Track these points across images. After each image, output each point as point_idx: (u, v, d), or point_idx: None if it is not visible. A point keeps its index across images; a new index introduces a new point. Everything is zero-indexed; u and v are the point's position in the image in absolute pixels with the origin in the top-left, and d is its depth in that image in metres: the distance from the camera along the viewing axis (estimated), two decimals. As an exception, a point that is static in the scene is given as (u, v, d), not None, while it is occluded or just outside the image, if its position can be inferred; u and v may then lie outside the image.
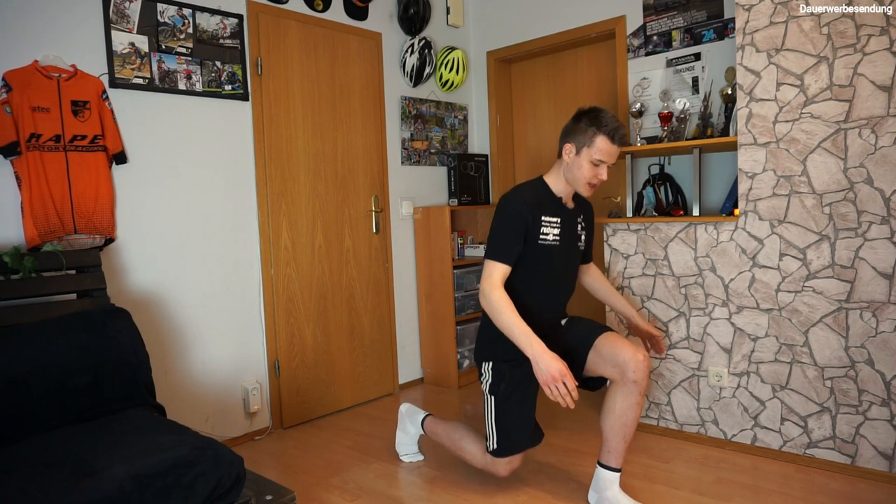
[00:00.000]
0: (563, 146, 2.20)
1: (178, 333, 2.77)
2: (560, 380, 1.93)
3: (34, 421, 1.81)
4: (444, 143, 4.04)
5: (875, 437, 2.35)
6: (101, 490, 1.39)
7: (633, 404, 2.09)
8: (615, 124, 2.11)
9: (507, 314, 2.04)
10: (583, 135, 2.13)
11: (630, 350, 2.08)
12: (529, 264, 2.20)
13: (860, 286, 2.35)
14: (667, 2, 3.23)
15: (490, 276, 2.11)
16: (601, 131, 2.10)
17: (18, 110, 2.25)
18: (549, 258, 2.23)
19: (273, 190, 3.10)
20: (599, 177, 2.16)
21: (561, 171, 2.23)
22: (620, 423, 2.11)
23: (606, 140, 2.10)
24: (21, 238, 2.30)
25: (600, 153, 2.11)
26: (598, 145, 2.11)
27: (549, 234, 2.20)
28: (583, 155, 2.14)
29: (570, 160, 2.18)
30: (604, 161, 2.13)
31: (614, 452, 2.15)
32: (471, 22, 4.20)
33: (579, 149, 2.14)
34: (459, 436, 2.42)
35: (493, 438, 2.25)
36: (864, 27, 2.28)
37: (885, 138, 2.27)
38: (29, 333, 1.92)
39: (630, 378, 2.07)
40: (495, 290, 2.08)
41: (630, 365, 2.06)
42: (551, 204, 2.24)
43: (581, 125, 2.15)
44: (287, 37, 3.17)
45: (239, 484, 1.62)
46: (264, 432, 3.09)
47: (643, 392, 2.10)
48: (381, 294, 3.66)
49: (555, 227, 2.22)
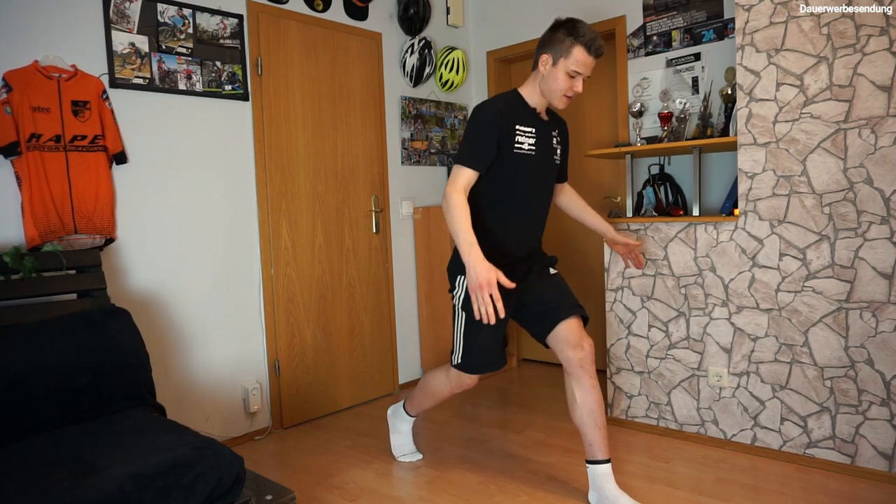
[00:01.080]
0: (540, 57, 2.17)
1: (178, 333, 2.77)
2: (486, 288, 1.89)
3: (34, 421, 1.81)
4: (444, 143, 4.04)
5: (875, 437, 2.35)
6: (101, 490, 1.39)
7: (589, 388, 2.16)
8: (592, 35, 2.09)
9: (458, 218, 1.99)
10: (560, 45, 2.11)
11: (576, 337, 2.16)
12: (506, 173, 2.16)
13: (860, 286, 2.35)
14: (667, 2, 3.23)
15: (454, 180, 2.08)
16: (578, 41, 2.08)
17: (18, 110, 2.25)
18: (525, 167, 2.19)
19: (273, 190, 3.10)
20: (575, 89, 2.15)
21: (536, 82, 2.21)
22: (586, 409, 2.17)
23: (583, 50, 2.09)
24: (21, 238, 2.30)
25: (577, 64, 2.10)
26: (574, 56, 2.09)
27: (525, 143, 2.17)
28: (559, 66, 2.12)
29: (545, 71, 2.16)
30: (580, 73, 2.12)
31: (595, 443, 2.17)
32: (471, 22, 4.20)
33: (556, 59, 2.12)
34: (423, 379, 2.53)
35: (458, 353, 2.27)
36: (864, 27, 2.28)
37: (884, 138, 2.27)
38: (29, 333, 1.92)
39: (576, 364, 2.15)
40: (455, 192, 2.04)
41: (574, 351, 2.15)
42: (526, 114, 2.21)
43: (558, 35, 2.12)
44: (287, 37, 3.17)
45: (239, 484, 1.62)
46: (264, 432, 3.09)
47: (592, 375, 2.17)
48: (381, 294, 3.66)
49: (530, 136, 2.19)
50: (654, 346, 2.88)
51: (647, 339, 2.90)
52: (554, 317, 2.22)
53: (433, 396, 2.52)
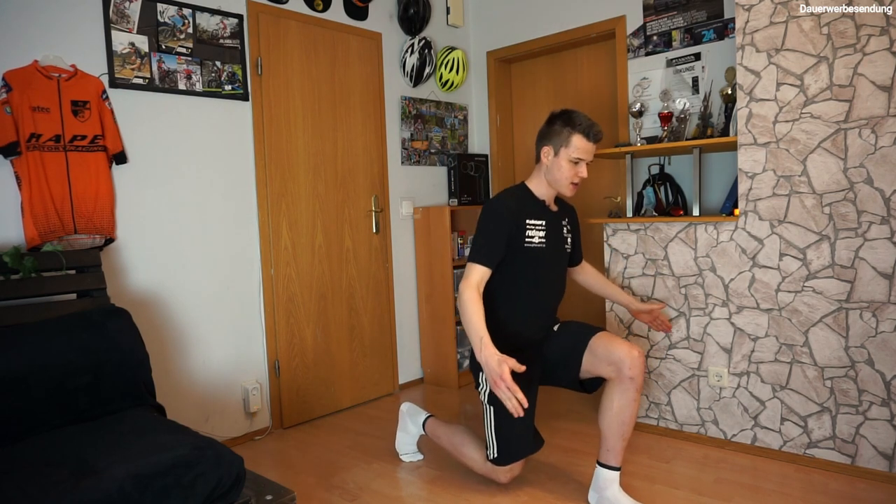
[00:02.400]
0: (542, 150, 2.27)
1: (178, 333, 2.77)
2: (501, 383, 1.91)
3: (34, 421, 1.81)
4: (444, 143, 4.04)
5: (875, 437, 2.35)
6: (101, 490, 1.39)
7: (630, 401, 2.12)
8: (589, 122, 2.19)
9: (470, 314, 2.05)
10: (559, 136, 2.21)
11: (625, 347, 2.11)
12: (518, 268, 2.24)
13: (860, 286, 2.35)
14: (667, 2, 3.23)
15: (468, 277, 2.15)
16: (576, 130, 2.18)
17: (18, 110, 2.25)
18: (536, 261, 2.26)
19: (273, 190, 3.10)
20: (580, 175, 2.22)
21: (542, 174, 2.29)
22: (618, 420, 2.13)
23: (582, 138, 2.18)
24: (21, 238, 2.30)
25: (578, 151, 2.19)
26: (574, 144, 2.19)
27: (535, 236, 2.25)
28: (561, 155, 2.21)
29: (549, 162, 2.25)
30: (582, 159, 2.20)
31: (613, 451, 2.16)
32: (471, 22, 4.20)
33: (557, 150, 2.22)
34: (461, 441, 2.44)
35: (493, 447, 2.27)
36: (864, 27, 2.28)
37: (885, 138, 2.27)
38: (29, 333, 1.92)
39: (626, 375, 2.09)
40: (468, 289, 2.11)
41: (626, 362, 2.09)
42: (535, 207, 2.28)
43: (556, 127, 2.22)
44: (287, 37, 3.17)
45: (239, 484, 1.62)
46: (264, 432, 3.09)
47: (640, 389, 2.12)
48: (381, 294, 3.66)
49: (540, 229, 2.26)
50: (654, 346, 2.88)
51: (647, 339, 2.90)
52: (578, 350, 2.22)
53: (457, 458, 2.47)
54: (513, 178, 4.23)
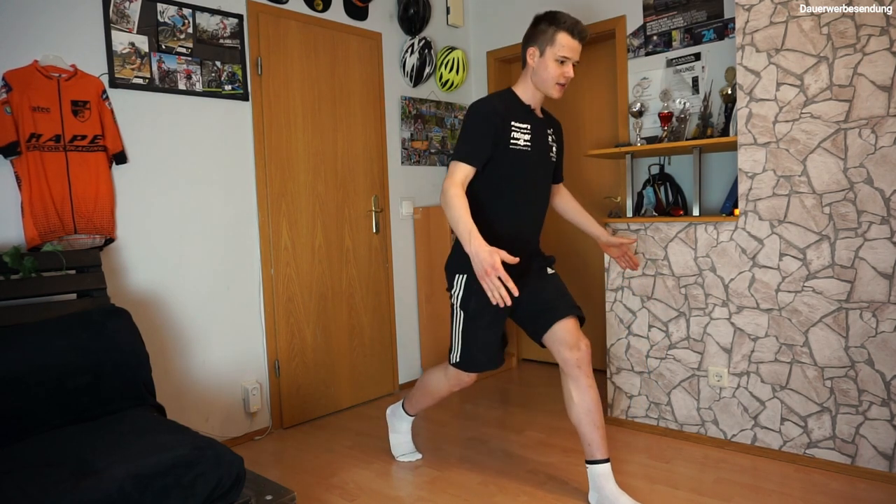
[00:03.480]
0: (527, 51, 2.23)
1: (178, 333, 2.77)
2: (493, 272, 1.85)
3: (34, 421, 1.81)
4: (444, 143, 4.04)
5: (875, 437, 2.35)
6: (101, 490, 1.39)
7: (585, 388, 2.18)
8: (573, 20, 2.16)
9: (457, 208, 1.99)
10: (543, 35, 2.18)
11: (573, 338, 2.18)
12: (503, 170, 2.19)
13: (860, 286, 2.35)
14: (667, 2, 3.23)
15: (451, 175, 2.10)
16: (561, 28, 2.15)
17: (18, 110, 2.25)
18: (521, 164, 2.22)
19: (273, 190, 3.10)
20: (566, 75, 2.19)
21: (528, 78, 2.25)
22: (583, 409, 2.18)
23: (567, 35, 2.15)
24: (21, 238, 2.30)
25: (563, 49, 2.15)
26: (560, 42, 2.15)
27: (520, 139, 2.21)
28: (547, 55, 2.17)
29: (535, 63, 2.21)
30: (568, 58, 2.17)
31: (593, 443, 2.18)
32: (471, 22, 4.20)
33: (542, 50, 2.18)
34: (421, 379, 2.55)
35: (457, 351, 2.30)
36: (864, 27, 2.28)
37: (885, 138, 2.27)
38: (29, 333, 1.92)
39: (573, 364, 2.17)
40: (453, 187, 2.06)
41: (572, 352, 2.17)
42: (521, 110, 2.24)
43: (540, 27, 2.19)
44: (287, 37, 3.17)
45: (239, 484, 1.62)
46: (264, 432, 3.09)
47: (589, 375, 2.18)
48: (381, 294, 3.66)
49: (525, 132, 2.23)
50: (654, 346, 2.88)
51: (647, 339, 2.90)
52: (550, 316, 2.23)
53: (432, 395, 2.52)
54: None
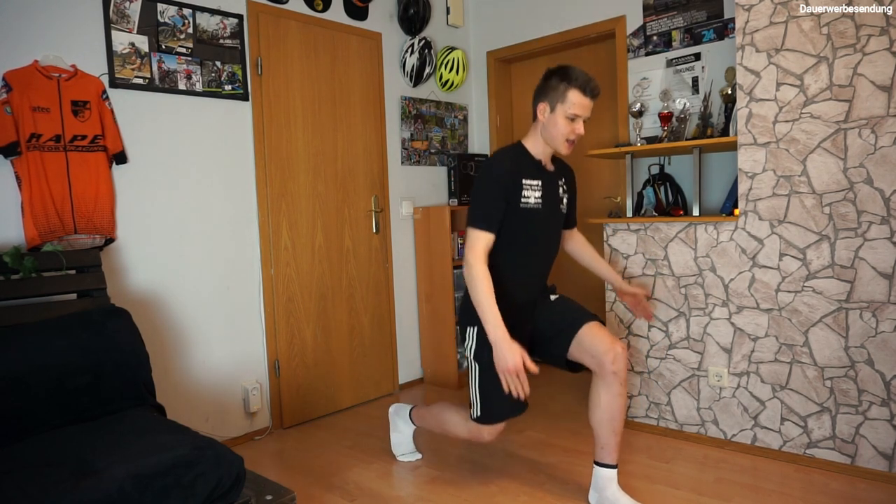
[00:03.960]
0: (538, 106, 2.20)
1: (178, 333, 2.77)
2: (514, 372, 1.96)
3: (34, 421, 1.81)
4: (444, 143, 4.04)
5: (875, 437, 2.35)
6: (101, 490, 1.39)
7: (616, 395, 2.12)
8: (586, 77, 2.13)
9: (483, 293, 2.04)
10: (555, 91, 2.14)
11: (609, 341, 2.11)
12: (512, 228, 2.19)
13: (860, 286, 2.35)
14: (667, 2, 3.23)
15: (473, 247, 2.11)
16: (573, 85, 2.11)
17: (18, 110, 2.25)
18: (531, 221, 2.21)
19: (273, 190, 3.10)
20: (577, 132, 2.16)
21: (538, 132, 2.22)
22: (607, 415, 2.14)
23: (578, 93, 2.11)
24: (21, 238, 2.30)
25: (574, 107, 2.12)
26: (571, 99, 2.12)
27: (531, 196, 2.19)
28: (557, 112, 2.14)
29: (545, 119, 2.18)
30: (579, 115, 2.14)
31: (607, 448, 2.16)
32: (471, 22, 4.20)
33: (553, 106, 2.15)
34: (441, 410, 2.46)
35: (476, 406, 2.25)
36: (864, 27, 2.28)
37: (884, 138, 2.27)
38: (29, 333, 1.92)
39: (609, 369, 2.10)
40: (479, 263, 2.08)
41: (609, 356, 2.09)
42: (531, 167, 2.22)
43: (552, 82, 2.16)
44: (287, 37, 3.17)
45: (239, 484, 1.62)
46: (264, 432, 3.09)
47: (623, 382, 2.12)
48: (381, 294, 3.66)
49: (536, 189, 2.21)
50: (654, 346, 2.88)
51: (647, 339, 2.90)
52: (569, 330, 2.20)
53: (445, 430, 2.46)
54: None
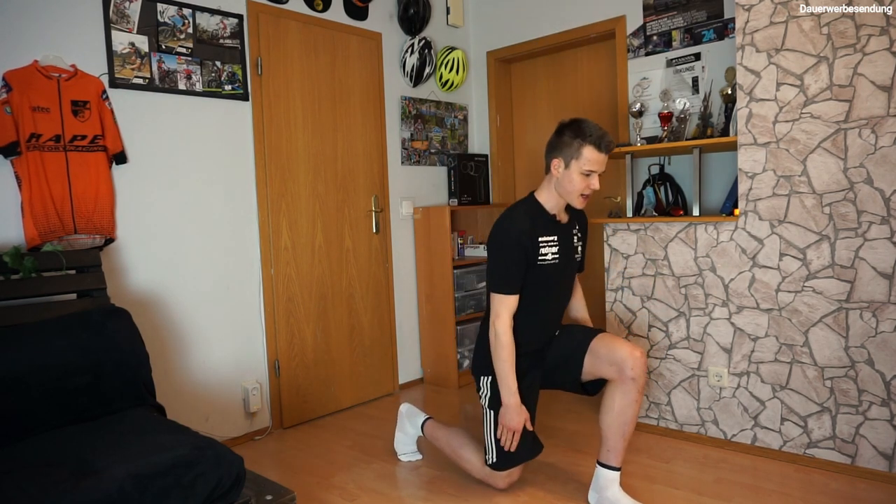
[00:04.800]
0: (551, 162, 2.20)
1: (178, 333, 2.77)
2: (513, 432, 2.18)
3: (34, 421, 1.81)
4: (444, 143, 4.04)
5: (875, 437, 2.35)
6: (101, 490, 1.39)
7: (632, 402, 2.11)
8: (600, 132, 2.11)
9: (505, 361, 2.16)
10: (569, 148, 2.13)
11: (627, 347, 2.10)
12: (532, 283, 2.22)
13: (860, 286, 2.35)
14: (667, 2, 3.23)
15: (500, 314, 2.17)
16: (587, 142, 2.10)
17: (18, 110, 2.25)
18: (548, 277, 2.24)
19: (273, 190, 3.10)
20: (592, 187, 2.15)
21: (552, 186, 2.23)
22: (620, 421, 2.13)
23: (593, 150, 2.11)
24: (21, 238, 2.30)
25: (589, 163, 2.12)
26: (585, 156, 2.11)
27: (548, 254, 2.22)
28: (572, 168, 2.14)
29: (559, 175, 2.18)
30: (594, 171, 2.13)
31: (614, 451, 2.16)
32: (471, 22, 4.20)
33: (568, 162, 2.15)
34: (459, 444, 2.44)
35: (492, 452, 2.27)
36: (864, 27, 2.28)
37: (885, 138, 2.27)
38: (29, 333, 1.92)
39: (628, 375, 2.09)
40: (504, 330, 2.17)
41: (628, 362, 2.08)
42: (546, 223, 2.23)
43: (566, 138, 2.15)
44: (287, 37, 3.16)
45: (239, 484, 1.62)
46: (264, 432, 3.09)
47: (641, 389, 2.11)
48: (381, 294, 3.66)
49: (552, 245, 2.23)
50: (654, 346, 2.88)
51: (647, 339, 2.90)
52: (579, 350, 2.22)
53: (455, 462, 2.47)
54: (513, 177, 4.23)
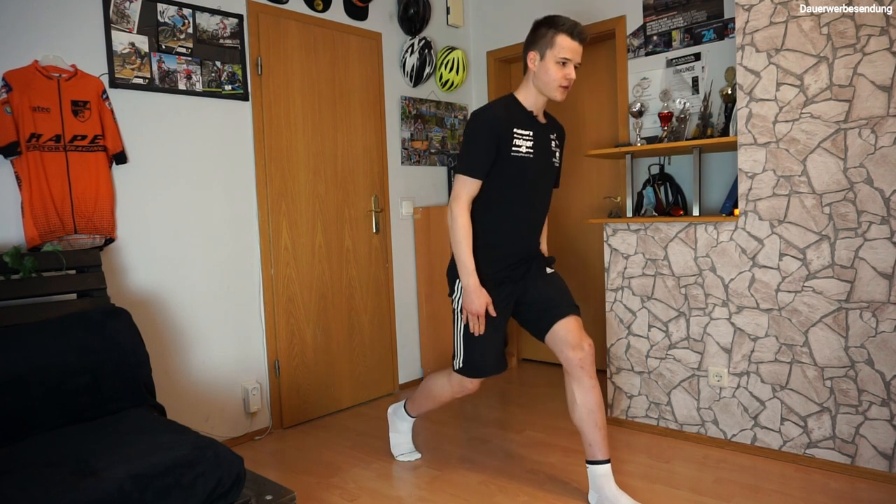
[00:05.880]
0: (528, 56, 2.23)
1: (178, 333, 2.77)
2: (476, 314, 2.17)
3: (34, 421, 1.81)
4: (444, 143, 4.04)
5: (875, 437, 2.35)
6: (101, 490, 1.39)
7: (589, 388, 2.17)
8: (572, 22, 2.17)
9: (461, 241, 2.16)
10: (543, 38, 2.18)
11: (576, 338, 2.18)
12: (505, 177, 2.20)
13: (860, 286, 2.35)
14: (667, 2, 3.23)
15: (459, 197, 2.17)
16: (560, 30, 2.16)
17: (18, 110, 2.25)
18: (522, 170, 2.21)
19: (273, 190, 3.10)
20: (568, 76, 2.18)
21: (530, 82, 2.24)
22: (585, 409, 2.18)
23: (566, 37, 2.15)
24: (21, 238, 2.30)
25: (563, 51, 2.15)
26: (559, 44, 2.15)
27: (522, 146, 2.21)
28: (548, 58, 2.17)
29: (536, 68, 2.20)
30: (569, 59, 2.16)
31: (595, 444, 2.18)
32: (471, 22, 4.20)
33: (543, 53, 2.18)
34: (425, 382, 2.54)
35: (459, 356, 2.31)
36: (864, 27, 2.28)
37: (884, 138, 2.27)
38: (29, 333, 1.92)
39: (575, 363, 2.17)
40: (461, 211, 2.16)
41: (575, 351, 2.17)
42: (523, 117, 2.23)
43: (540, 31, 2.20)
44: (287, 37, 3.17)
45: (239, 484, 1.62)
46: (264, 432, 3.09)
47: (592, 375, 2.18)
48: (381, 294, 3.66)
49: (528, 139, 2.22)
50: (654, 346, 2.88)
51: (647, 339, 2.90)
52: (552, 315, 2.24)
53: (434, 399, 2.53)
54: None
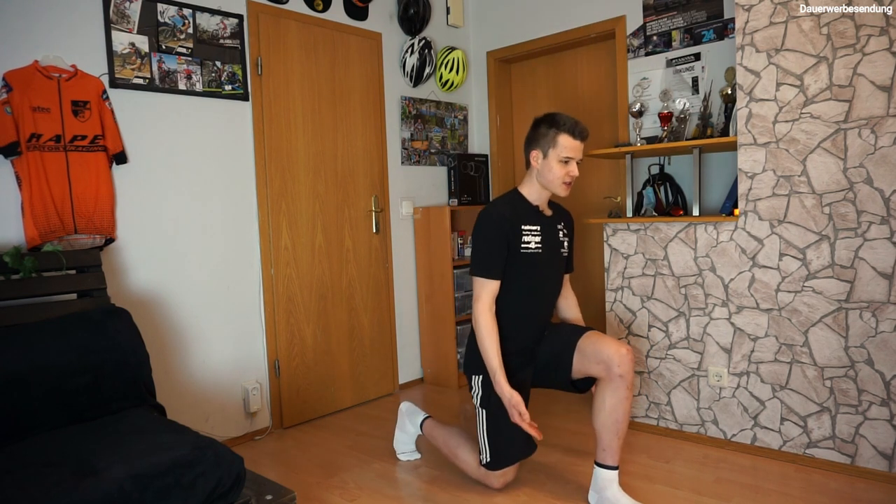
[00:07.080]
0: (530, 154, 2.30)
1: (178, 333, 2.77)
2: (514, 410, 2.14)
3: (34, 421, 1.81)
4: (444, 143, 4.04)
5: (875, 437, 2.35)
6: (101, 490, 1.39)
7: (622, 399, 2.13)
8: (573, 121, 2.23)
9: (489, 343, 2.18)
10: (545, 138, 2.25)
11: (613, 345, 2.13)
12: (514, 273, 2.25)
13: (860, 286, 2.35)
14: (667, 2, 3.23)
15: (480, 298, 2.22)
16: (562, 130, 2.22)
17: (19, 110, 2.25)
18: (532, 265, 2.28)
19: (273, 190, 3.10)
20: (571, 174, 2.24)
21: (533, 178, 2.31)
22: (612, 419, 2.14)
23: (568, 137, 2.22)
24: (21, 238, 2.30)
25: (566, 150, 2.22)
26: (562, 143, 2.22)
27: (531, 241, 2.27)
28: (551, 157, 2.24)
29: (539, 166, 2.27)
30: (571, 157, 2.23)
31: (609, 450, 2.17)
32: (471, 22, 4.20)
33: (545, 152, 2.25)
34: (456, 443, 2.46)
35: (486, 452, 2.29)
36: (864, 27, 2.28)
37: (884, 138, 2.27)
38: (29, 333, 1.92)
39: (616, 372, 2.11)
40: (485, 314, 2.20)
41: (615, 360, 2.11)
42: (529, 213, 2.30)
43: (541, 130, 2.26)
44: (287, 37, 3.17)
45: (239, 484, 1.62)
46: (264, 432, 3.09)
47: (630, 386, 2.14)
48: (381, 294, 3.66)
49: (535, 234, 2.29)
50: (654, 346, 2.88)
51: (647, 339, 2.90)
52: (568, 349, 2.24)
53: (451, 461, 2.49)
54: (513, 177, 4.23)
